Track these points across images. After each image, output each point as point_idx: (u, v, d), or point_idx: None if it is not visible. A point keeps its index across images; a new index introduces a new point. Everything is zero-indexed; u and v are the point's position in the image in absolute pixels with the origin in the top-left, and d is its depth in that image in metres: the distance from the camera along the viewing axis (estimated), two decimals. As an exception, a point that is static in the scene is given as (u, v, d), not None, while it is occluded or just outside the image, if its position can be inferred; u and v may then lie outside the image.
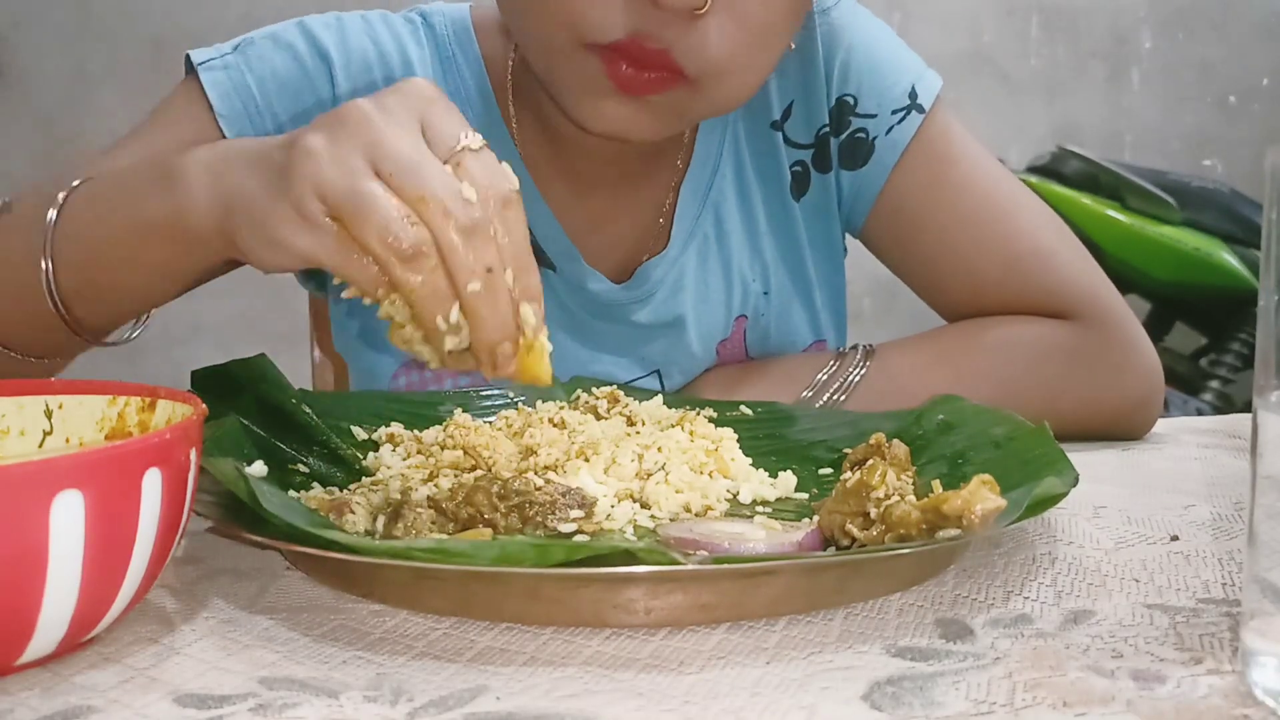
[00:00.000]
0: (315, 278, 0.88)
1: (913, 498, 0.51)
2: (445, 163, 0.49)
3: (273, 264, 0.52)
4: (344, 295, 0.50)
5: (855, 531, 0.51)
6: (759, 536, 0.51)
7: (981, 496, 0.47)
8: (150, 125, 0.78)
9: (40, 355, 0.67)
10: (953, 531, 0.47)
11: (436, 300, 0.48)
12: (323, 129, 0.50)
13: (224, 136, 0.76)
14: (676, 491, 0.59)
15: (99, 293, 0.63)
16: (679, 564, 0.43)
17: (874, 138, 0.84)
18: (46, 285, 0.61)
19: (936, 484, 0.52)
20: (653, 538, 0.54)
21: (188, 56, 0.79)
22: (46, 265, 0.61)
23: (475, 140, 0.51)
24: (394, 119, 0.50)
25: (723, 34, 0.68)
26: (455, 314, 0.49)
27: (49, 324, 0.63)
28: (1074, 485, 0.52)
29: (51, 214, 0.61)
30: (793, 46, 0.77)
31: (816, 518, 0.54)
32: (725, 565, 0.45)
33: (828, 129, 0.86)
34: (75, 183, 0.62)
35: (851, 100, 0.85)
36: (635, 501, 0.59)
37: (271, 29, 0.81)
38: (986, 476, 0.48)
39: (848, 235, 0.91)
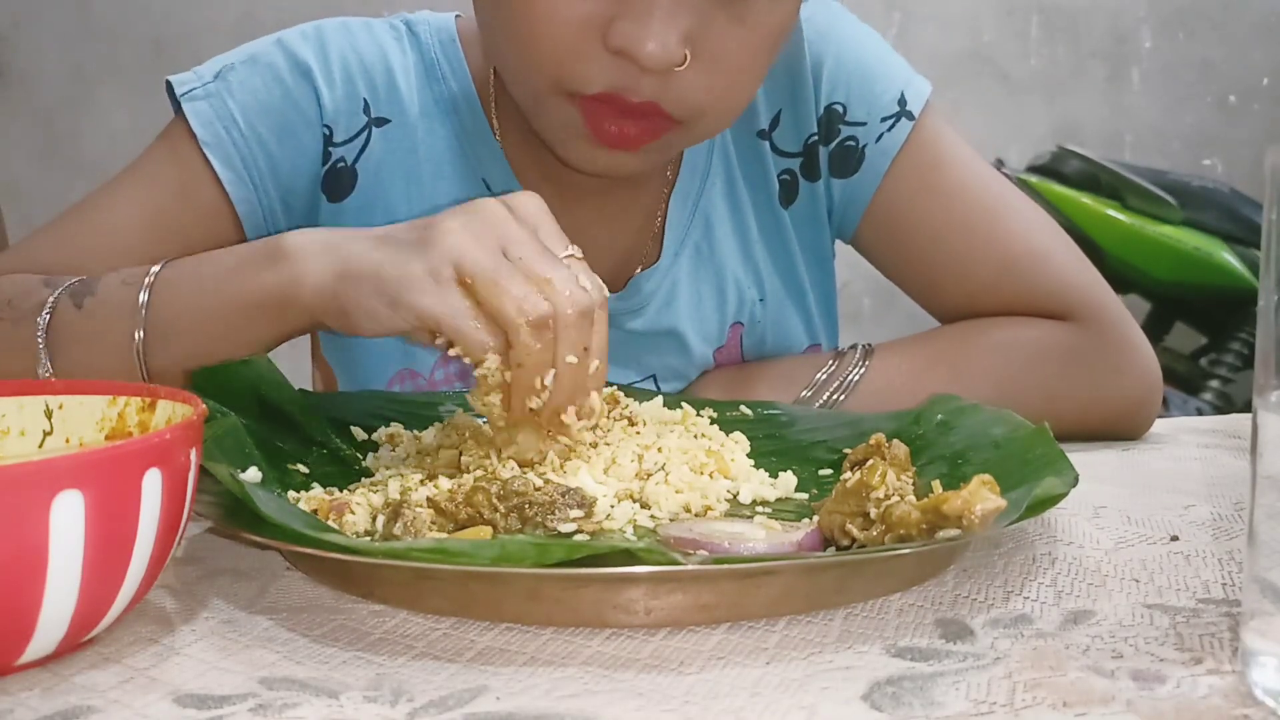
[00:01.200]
0: None
1: (913, 498, 0.51)
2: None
3: (383, 327, 0.58)
4: (449, 353, 0.58)
5: (855, 532, 0.51)
6: (759, 536, 0.51)
7: (981, 497, 0.47)
8: (140, 168, 0.80)
9: None
10: (953, 532, 0.47)
11: (543, 365, 0.57)
12: (459, 216, 0.59)
13: (210, 166, 0.77)
14: (676, 491, 0.59)
15: (185, 364, 0.66)
16: (679, 564, 0.43)
17: (864, 145, 0.84)
18: (138, 359, 0.64)
19: (936, 484, 0.52)
20: (652, 538, 0.54)
21: (168, 84, 0.79)
22: (138, 339, 0.64)
23: (577, 250, 0.60)
24: (518, 217, 0.59)
25: (703, 79, 0.69)
26: (550, 378, 0.57)
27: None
28: (1074, 485, 0.52)
29: (143, 296, 0.64)
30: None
31: (816, 518, 0.54)
32: (725, 565, 0.45)
33: (816, 138, 0.85)
34: (156, 267, 0.66)
35: (840, 108, 0.85)
36: (635, 501, 0.59)
37: (250, 50, 0.81)
38: (986, 477, 0.48)
39: (840, 241, 0.91)
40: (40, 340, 0.66)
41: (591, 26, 0.66)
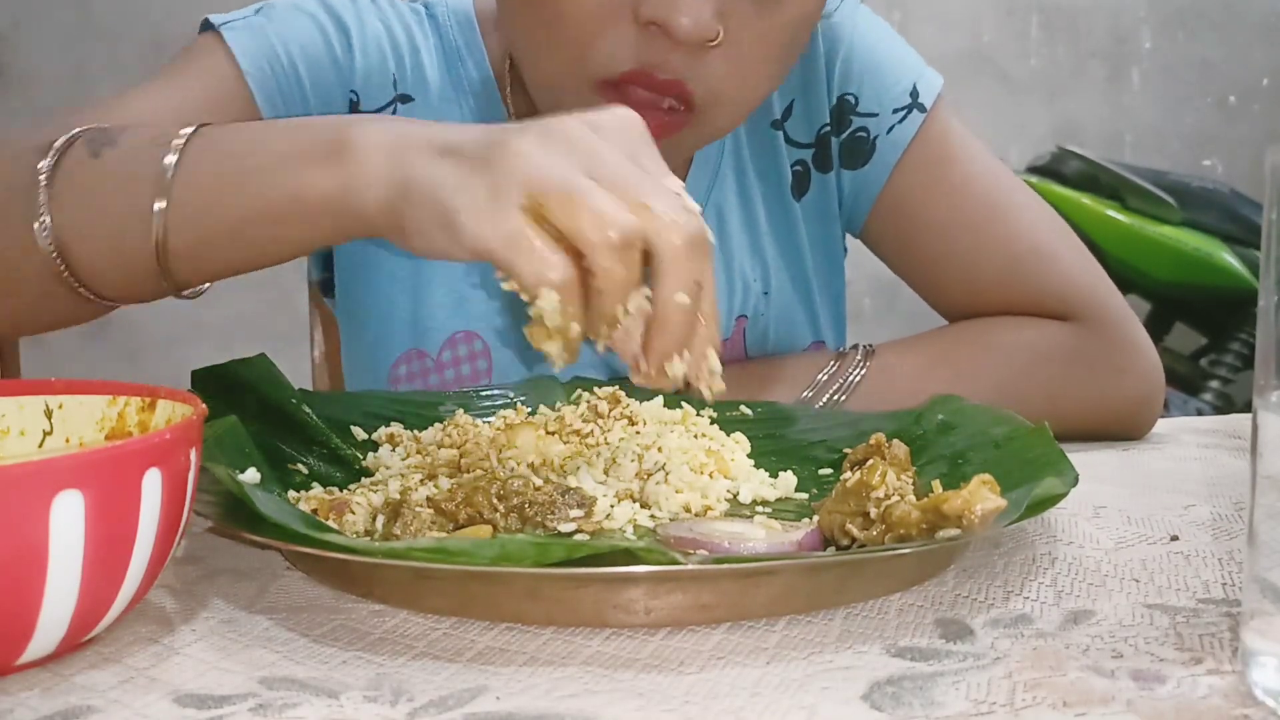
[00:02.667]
0: (320, 260, 0.88)
1: (913, 498, 0.51)
2: None
3: (435, 248, 0.50)
4: (504, 287, 0.48)
5: (855, 531, 0.51)
6: (759, 536, 0.51)
7: (981, 496, 0.47)
8: (169, 77, 0.75)
9: (111, 298, 0.61)
10: (953, 531, 0.47)
11: (625, 290, 0.47)
12: (532, 133, 0.49)
13: (251, 94, 0.75)
14: (676, 491, 0.59)
15: (211, 251, 0.57)
16: (679, 564, 0.43)
17: (875, 137, 0.84)
18: (156, 235, 0.56)
19: (936, 484, 0.52)
20: (652, 537, 0.54)
21: (206, 20, 0.77)
22: (160, 206, 0.55)
23: (677, 182, 0.50)
24: (608, 139, 0.49)
25: (727, 63, 0.69)
26: (635, 302, 0.48)
27: (138, 269, 0.58)
28: (1074, 485, 0.52)
29: (170, 158, 0.55)
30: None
31: (816, 518, 0.54)
32: (725, 565, 0.45)
33: (829, 128, 0.85)
34: (188, 130, 0.57)
35: (852, 99, 0.85)
36: (635, 501, 0.59)
37: (289, 0, 0.80)
38: (986, 476, 0.48)
39: (848, 235, 0.91)
40: (42, 182, 0.57)
41: (622, 2, 0.66)
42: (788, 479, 0.63)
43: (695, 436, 0.67)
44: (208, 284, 0.62)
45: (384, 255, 0.82)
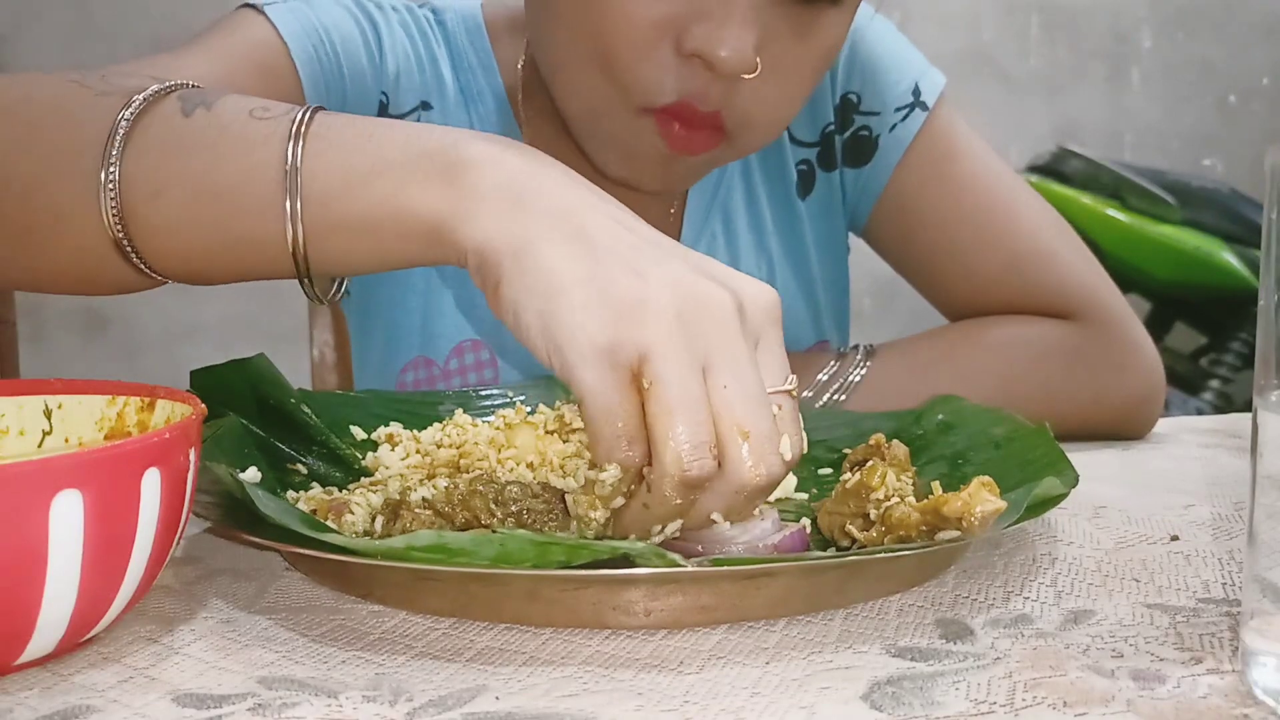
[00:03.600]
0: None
1: (912, 499, 0.50)
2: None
3: (524, 341, 0.46)
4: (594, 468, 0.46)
5: (855, 532, 0.51)
6: (731, 531, 0.51)
7: (981, 498, 0.47)
8: (213, 45, 0.70)
9: (164, 273, 0.55)
10: (952, 533, 0.47)
11: (668, 519, 0.46)
12: (677, 284, 0.45)
13: (296, 73, 0.73)
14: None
15: (331, 244, 0.51)
16: (679, 566, 0.43)
17: (878, 135, 0.85)
18: (291, 222, 0.50)
19: (936, 484, 0.52)
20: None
21: (244, 2, 0.75)
22: (292, 212, 0.50)
23: (793, 381, 0.48)
24: (745, 328, 0.46)
25: (763, 91, 0.69)
26: (673, 529, 0.46)
27: (222, 245, 0.52)
28: (1074, 485, 0.52)
29: (295, 149, 0.50)
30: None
31: (805, 520, 0.54)
32: (725, 568, 0.45)
33: (832, 127, 0.86)
34: (301, 112, 0.52)
35: (855, 98, 0.85)
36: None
37: None
38: (986, 479, 0.48)
39: (850, 234, 0.92)
40: (121, 130, 0.51)
41: (666, 30, 0.67)
42: (788, 479, 0.63)
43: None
44: (337, 293, 0.58)
45: (390, 274, 0.82)
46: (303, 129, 0.51)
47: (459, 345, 0.82)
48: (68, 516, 0.38)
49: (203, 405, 0.47)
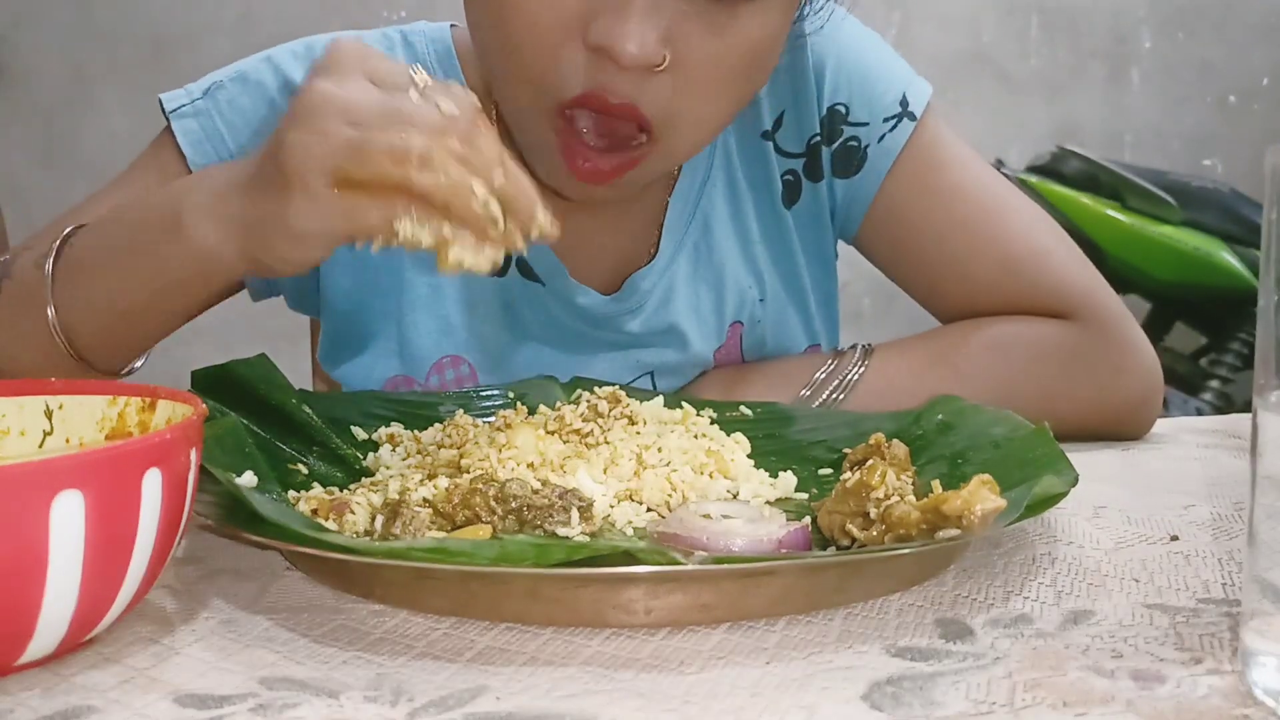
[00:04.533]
0: (307, 300, 0.87)
1: (912, 498, 0.51)
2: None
3: (302, 259, 0.55)
4: (374, 249, 0.53)
5: (855, 531, 0.51)
6: (742, 530, 0.51)
7: (981, 497, 0.47)
8: (126, 176, 0.81)
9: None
10: (953, 532, 0.47)
11: (464, 189, 0.51)
12: (291, 121, 0.53)
13: None
14: (675, 490, 0.59)
15: (111, 336, 0.65)
16: (679, 564, 0.43)
17: (866, 145, 0.85)
18: (55, 332, 0.64)
19: (936, 484, 0.52)
20: (643, 534, 0.54)
21: (160, 101, 0.80)
22: (51, 315, 0.64)
23: (423, 75, 0.54)
24: (347, 82, 0.53)
25: (681, 85, 0.69)
26: (483, 192, 0.51)
27: (61, 366, 0.66)
28: (1073, 485, 0.52)
29: (48, 265, 0.64)
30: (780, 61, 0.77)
31: (806, 518, 0.54)
32: (725, 566, 0.45)
33: (819, 138, 0.86)
34: (67, 229, 0.65)
35: (843, 109, 0.85)
36: (635, 501, 0.59)
37: (240, 67, 0.81)
38: (986, 477, 0.48)
39: (842, 241, 0.92)
40: None
41: (571, 27, 0.67)
42: (788, 479, 0.63)
43: (695, 437, 0.67)
44: (138, 361, 0.70)
45: (367, 295, 0.82)
46: (57, 247, 0.65)
47: (438, 362, 0.83)
48: (68, 517, 0.38)
49: (203, 405, 0.47)
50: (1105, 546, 0.55)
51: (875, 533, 0.50)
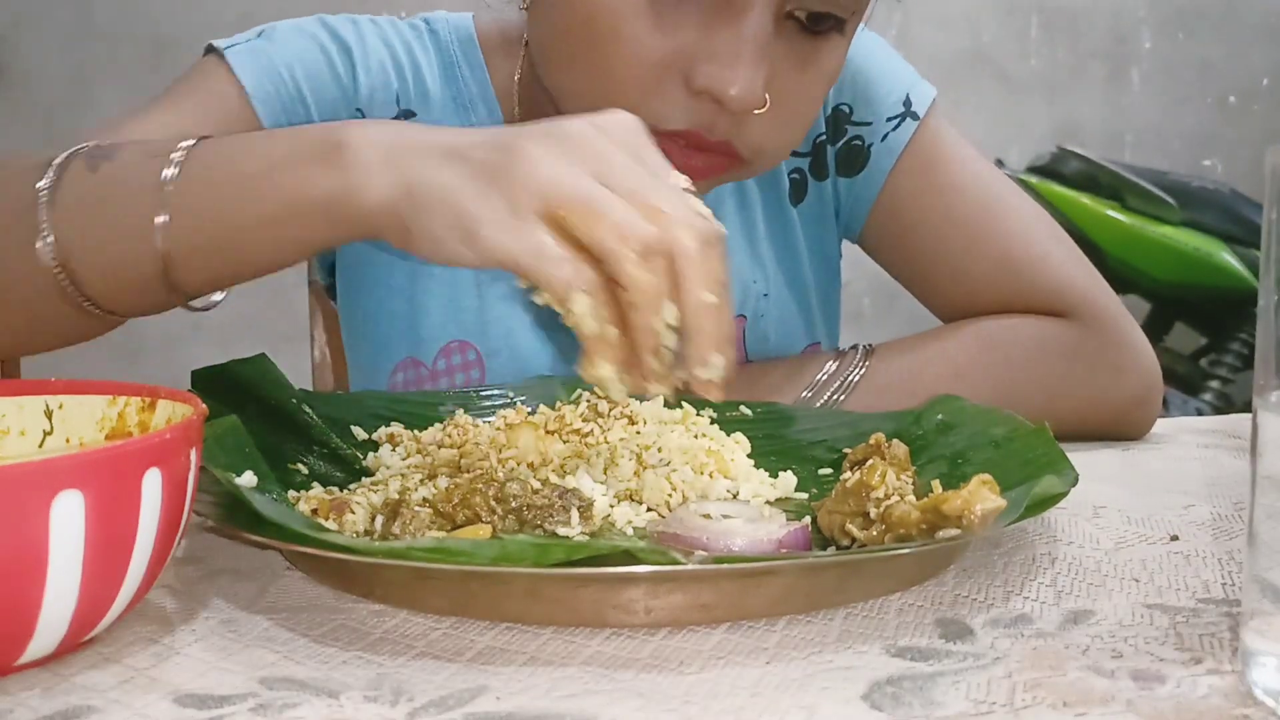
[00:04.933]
0: (326, 266, 0.88)
1: (912, 498, 0.51)
2: None
3: (451, 259, 0.50)
4: (535, 299, 0.49)
5: (855, 531, 0.51)
6: (741, 530, 0.51)
7: (981, 496, 0.47)
8: (173, 100, 0.75)
9: (119, 312, 0.61)
10: (953, 531, 0.47)
11: (658, 299, 0.48)
12: (542, 139, 0.50)
13: (257, 116, 0.76)
14: (675, 490, 0.59)
15: (215, 259, 0.58)
16: (679, 564, 0.43)
17: (870, 144, 0.86)
18: (159, 248, 0.56)
19: (936, 484, 0.52)
20: (643, 534, 0.54)
21: (209, 45, 0.78)
22: (161, 220, 0.55)
23: (682, 179, 0.51)
24: (614, 141, 0.50)
25: (774, 123, 0.71)
26: (671, 313, 0.48)
27: (142, 282, 0.58)
28: (1074, 484, 0.52)
29: (169, 171, 0.56)
30: None
31: (806, 518, 0.54)
32: (725, 566, 0.45)
33: (824, 137, 0.87)
34: (188, 143, 0.57)
35: (847, 109, 0.87)
36: (635, 501, 0.59)
37: (293, 21, 0.81)
38: (986, 476, 0.48)
39: (845, 241, 0.92)
40: (43, 199, 0.57)
41: (675, 66, 0.68)
42: (788, 479, 0.63)
43: (695, 436, 0.67)
44: (219, 295, 0.61)
45: (383, 263, 0.83)
46: (185, 157, 0.56)
47: (446, 346, 0.83)
48: (69, 517, 0.38)
49: (203, 405, 0.47)
50: (1105, 546, 0.55)
51: (875, 532, 0.50)
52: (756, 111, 0.68)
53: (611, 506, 0.58)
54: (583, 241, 0.48)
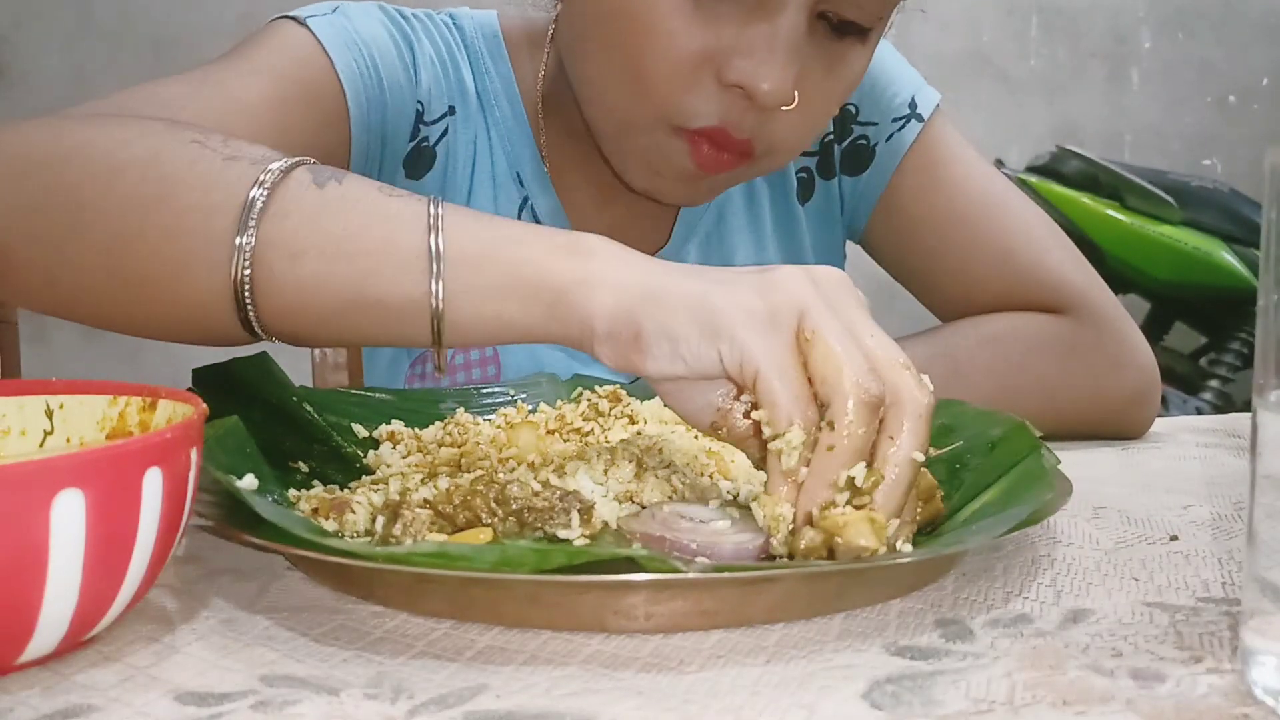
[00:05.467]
0: None
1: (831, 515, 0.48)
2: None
3: (681, 358, 0.48)
4: (749, 415, 0.48)
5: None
6: (725, 530, 0.51)
7: (855, 533, 0.46)
8: (256, 61, 0.72)
9: (281, 335, 0.57)
10: (953, 548, 0.47)
11: (859, 454, 0.47)
12: (798, 270, 0.49)
13: (340, 87, 0.75)
14: (676, 492, 0.59)
15: (460, 309, 0.53)
16: (680, 571, 0.43)
17: (875, 144, 0.87)
18: (433, 311, 0.52)
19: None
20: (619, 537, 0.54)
21: (283, 15, 0.76)
22: (436, 295, 0.52)
23: (901, 353, 0.50)
24: (835, 291, 0.50)
25: (794, 120, 0.72)
26: (861, 473, 0.47)
27: (226, 311, 0.54)
28: (1069, 495, 0.53)
29: (435, 241, 0.52)
30: None
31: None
32: (724, 573, 0.45)
33: (831, 137, 0.88)
34: (435, 206, 0.53)
35: (854, 109, 0.88)
36: (634, 503, 0.59)
37: (358, 3, 0.81)
38: (878, 516, 0.46)
39: (848, 241, 0.93)
40: (261, 193, 0.53)
41: (707, 61, 0.69)
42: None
43: (696, 437, 0.67)
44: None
45: None
46: (437, 204, 0.53)
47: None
48: (69, 516, 0.38)
49: (204, 405, 0.47)
50: (1105, 546, 0.55)
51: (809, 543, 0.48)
52: (785, 109, 0.69)
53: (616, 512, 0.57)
54: (814, 376, 0.47)
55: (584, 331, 0.50)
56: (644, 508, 0.56)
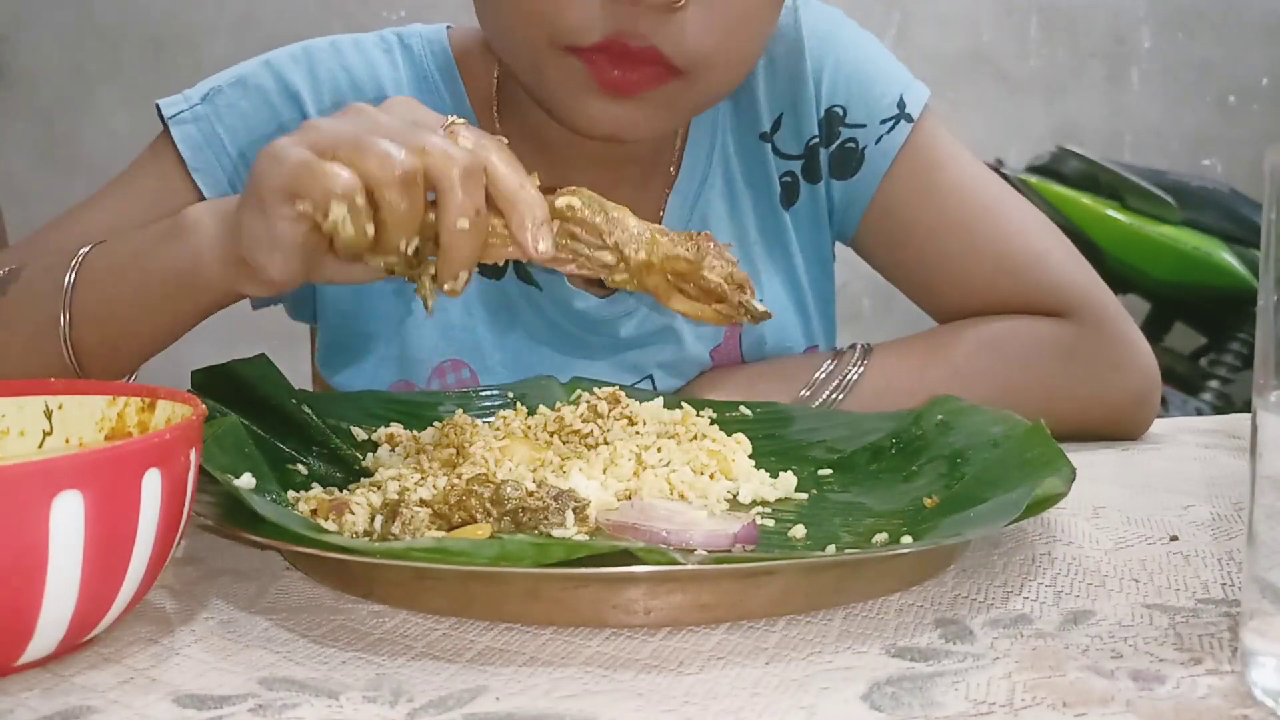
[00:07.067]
0: (303, 308, 0.87)
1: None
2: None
3: (269, 243, 0.54)
4: (300, 208, 0.53)
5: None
6: (699, 521, 0.51)
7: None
8: (122, 181, 0.80)
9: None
10: (956, 537, 0.47)
11: (409, 224, 0.53)
12: (314, 123, 0.56)
13: (197, 189, 0.77)
14: (675, 492, 0.59)
15: (113, 346, 0.66)
16: (678, 564, 0.43)
17: (864, 147, 0.85)
18: (64, 342, 0.64)
19: (929, 501, 0.52)
20: (602, 535, 0.54)
21: (158, 107, 0.79)
22: (64, 321, 0.64)
23: (460, 118, 0.56)
24: (386, 109, 0.56)
25: (702, 25, 0.68)
26: (413, 246, 0.53)
27: (68, 373, 0.66)
28: (1072, 481, 0.52)
29: (69, 277, 0.65)
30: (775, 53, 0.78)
31: (754, 511, 0.53)
32: (725, 566, 0.45)
33: (817, 140, 0.86)
34: (86, 249, 0.66)
35: (840, 111, 0.86)
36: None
37: (238, 71, 0.81)
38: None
39: (840, 243, 0.92)
40: None
41: None
42: (787, 479, 0.63)
43: (695, 437, 0.67)
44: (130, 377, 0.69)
45: (366, 300, 0.82)
46: (78, 263, 0.65)
47: (439, 366, 0.83)
48: (68, 517, 0.38)
49: (203, 406, 0.47)
50: (1105, 546, 0.55)
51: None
52: (676, 6, 0.66)
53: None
54: (346, 161, 0.52)
55: (226, 294, 0.61)
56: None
